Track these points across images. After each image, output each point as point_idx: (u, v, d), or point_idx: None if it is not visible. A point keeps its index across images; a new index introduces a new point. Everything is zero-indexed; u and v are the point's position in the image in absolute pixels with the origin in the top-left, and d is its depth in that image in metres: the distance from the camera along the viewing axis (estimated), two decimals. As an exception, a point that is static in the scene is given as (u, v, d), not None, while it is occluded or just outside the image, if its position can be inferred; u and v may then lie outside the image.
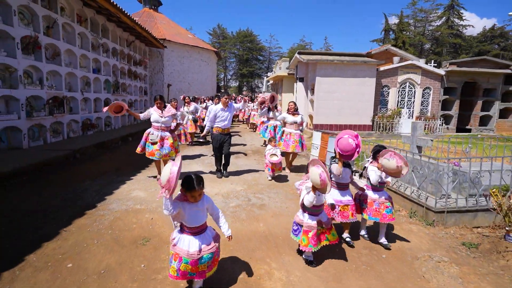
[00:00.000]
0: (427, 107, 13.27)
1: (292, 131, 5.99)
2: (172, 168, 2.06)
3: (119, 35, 11.88)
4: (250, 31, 57.43)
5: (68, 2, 8.26)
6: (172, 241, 2.19)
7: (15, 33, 6.15)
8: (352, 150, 2.84)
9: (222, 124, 5.43)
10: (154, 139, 5.06)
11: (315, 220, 2.70)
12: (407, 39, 39.95)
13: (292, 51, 60.94)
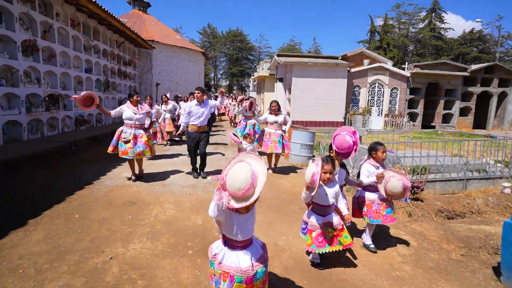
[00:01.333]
0: (395, 106, 14.54)
1: (272, 131, 5.83)
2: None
3: (110, 37, 12.68)
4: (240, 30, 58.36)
5: (63, 8, 9.06)
6: (214, 258, 1.87)
7: (16, 38, 6.97)
8: (349, 147, 2.74)
9: (197, 122, 5.23)
10: (128, 137, 4.88)
11: (321, 221, 2.60)
12: (391, 40, 41.61)
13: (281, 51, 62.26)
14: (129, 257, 2.74)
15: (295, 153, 7.08)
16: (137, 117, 4.98)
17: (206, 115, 5.34)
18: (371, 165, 3.08)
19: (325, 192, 2.59)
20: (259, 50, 63.79)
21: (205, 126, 5.40)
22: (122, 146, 4.85)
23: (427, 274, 2.86)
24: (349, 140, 2.73)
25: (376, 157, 3.09)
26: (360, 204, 3.17)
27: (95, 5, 9.09)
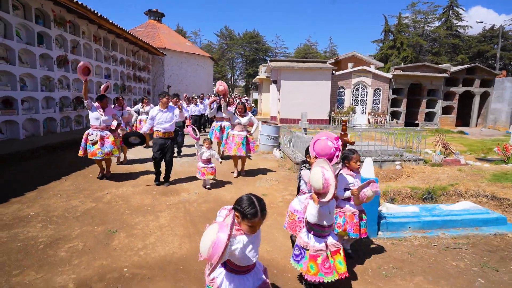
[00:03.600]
0: (378, 105, 15.91)
1: (235, 133, 5.71)
2: (219, 235, 1.41)
3: (126, 47, 14.98)
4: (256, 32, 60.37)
5: (87, 27, 11.34)
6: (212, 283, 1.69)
7: (53, 54, 9.22)
8: (330, 154, 2.49)
9: (161, 127, 5.02)
10: (94, 139, 5.03)
11: (322, 243, 2.28)
12: (405, 40, 41.96)
13: (298, 51, 63.76)
14: (119, 193, 4.69)
15: (263, 143, 8.90)
16: (103, 119, 5.13)
17: (172, 120, 5.12)
18: (347, 175, 2.85)
19: (328, 209, 2.24)
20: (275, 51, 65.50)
21: (171, 132, 5.17)
22: (91, 148, 5.00)
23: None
24: (331, 146, 2.51)
25: (349, 167, 2.89)
26: (336, 215, 2.85)
27: (112, 24, 11.32)
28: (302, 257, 2.28)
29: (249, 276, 1.69)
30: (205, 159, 4.96)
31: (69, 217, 3.68)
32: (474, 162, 7.18)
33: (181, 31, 57.71)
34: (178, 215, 3.86)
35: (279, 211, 4.11)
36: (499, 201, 4.46)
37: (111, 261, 2.73)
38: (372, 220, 3.45)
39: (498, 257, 3.04)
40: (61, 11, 9.39)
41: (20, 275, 2.47)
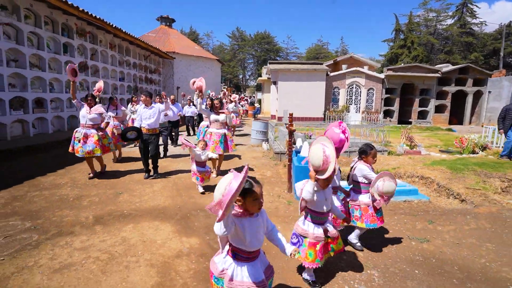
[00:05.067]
0: (371, 104, 16.83)
1: (213, 131, 5.68)
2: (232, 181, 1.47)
3: (138, 52, 16.55)
4: (267, 33, 61.64)
5: (104, 36, 12.89)
6: (223, 274, 1.70)
7: (75, 61, 10.76)
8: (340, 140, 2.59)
9: (145, 123, 5.34)
10: (79, 137, 5.16)
11: (321, 229, 2.32)
12: (415, 39, 42.02)
13: (309, 51, 64.64)
14: (125, 172, 6.04)
15: (253, 137, 10.16)
16: (89, 117, 5.21)
17: (155, 117, 5.38)
18: (366, 165, 2.96)
19: (324, 196, 2.29)
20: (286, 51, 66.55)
21: (156, 129, 5.44)
22: (76, 145, 5.16)
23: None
24: (338, 132, 2.58)
25: (366, 161, 2.98)
26: (352, 208, 3.00)
27: (125, 33, 12.86)
28: (300, 244, 2.30)
29: (257, 262, 1.74)
30: (201, 162, 4.76)
31: (89, 184, 5.06)
32: (435, 153, 8.16)
33: (194, 33, 59.71)
34: (167, 185, 5.16)
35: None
36: (425, 179, 5.54)
37: (116, 207, 4.06)
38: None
39: (392, 214, 4.17)
40: (82, 24, 10.94)
41: (59, 213, 3.82)
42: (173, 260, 2.75)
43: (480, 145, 7.94)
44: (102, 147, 5.31)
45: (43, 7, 8.78)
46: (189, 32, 59.48)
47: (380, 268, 2.73)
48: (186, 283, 2.41)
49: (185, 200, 4.41)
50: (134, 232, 3.33)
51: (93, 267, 2.61)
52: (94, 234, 3.25)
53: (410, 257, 2.95)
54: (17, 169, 5.84)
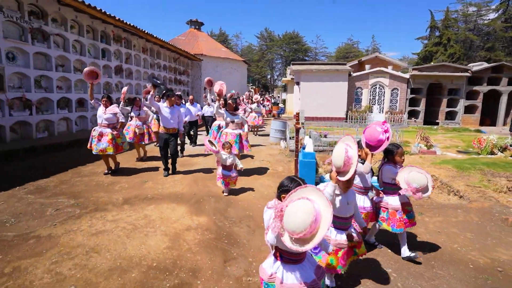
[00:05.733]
0: (395, 104, 16.60)
1: (228, 131, 5.80)
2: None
3: (168, 55, 17.66)
4: (296, 33, 61.72)
5: (138, 41, 14.02)
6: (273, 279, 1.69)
7: (112, 65, 11.91)
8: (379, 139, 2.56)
9: (165, 123, 5.50)
10: (95, 134, 5.45)
11: (344, 234, 2.25)
12: (452, 35, 40.09)
13: (339, 51, 63.84)
14: (151, 167, 6.80)
15: (272, 135, 10.66)
16: (105, 117, 5.43)
17: (175, 118, 5.54)
18: (391, 166, 2.92)
19: (347, 200, 2.23)
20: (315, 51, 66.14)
21: (175, 129, 5.59)
22: (93, 142, 5.48)
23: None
24: (380, 130, 2.54)
25: (393, 160, 2.92)
26: (379, 209, 2.99)
27: (156, 38, 13.90)
28: (321, 250, 2.18)
29: (306, 263, 1.71)
30: (227, 165, 4.63)
31: (120, 174, 5.85)
32: (451, 154, 8.15)
33: (223, 35, 61.20)
34: (187, 176, 5.82)
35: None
36: (429, 178, 5.72)
37: (142, 192, 4.76)
38: (311, 182, 5.07)
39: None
40: (118, 31, 12.06)
41: (96, 194, 4.59)
42: (183, 232, 3.35)
43: (499, 146, 7.82)
44: (115, 146, 5.48)
45: (85, 18, 9.90)
46: (218, 33, 61.13)
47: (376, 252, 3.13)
48: (190, 248, 3.00)
49: (200, 188, 5.02)
50: (154, 211, 3.98)
51: (120, 233, 3.27)
52: (122, 211, 3.95)
53: (387, 239, 3.30)
54: (63, 159, 6.80)
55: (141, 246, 3.00)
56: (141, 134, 6.81)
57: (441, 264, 2.81)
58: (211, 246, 3.07)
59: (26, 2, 7.76)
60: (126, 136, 6.58)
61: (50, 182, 5.09)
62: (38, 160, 6.50)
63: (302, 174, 5.17)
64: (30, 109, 7.87)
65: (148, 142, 7.18)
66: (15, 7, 7.59)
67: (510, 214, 3.95)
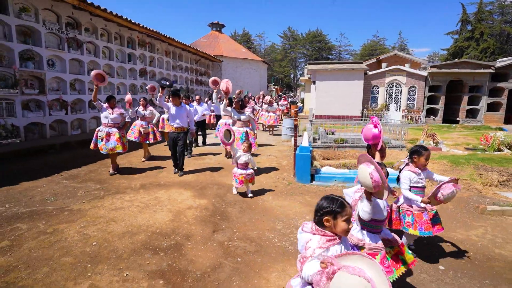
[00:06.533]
0: (413, 102, 16.44)
1: (235, 129, 5.88)
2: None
3: (190, 57, 18.65)
4: (319, 31, 61.49)
5: (160, 45, 15.05)
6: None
7: (137, 68, 12.96)
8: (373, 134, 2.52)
9: (174, 122, 5.69)
10: (101, 135, 5.56)
11: (379, 239, 2.15)
12: (486, 29, 38.28)
13: (364, 48, 62.80)
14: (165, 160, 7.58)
15: (283, 133, 11.17)
16: (111, 117, 5.61)
17: (183, 117, 5.72)
18: (412, 172, 2.81)
19: (383, 203, 2.16)
20: (339, 49, 65.41)
21: (183, 128, 5.77)
22: (99, 143, 5.58)
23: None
24: (371, 127, 2.53)
25: (417, 162, 2.84)
26: (403, 213, 2.84)
27: (178, 42, 14.87)
28: None
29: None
30: (242, 164, 4.56)
31: (140, 165, 6.67)
32: (457, 151, 8.23)
33: (246, 35, 62.09)
34: (197, 169, 6.51)
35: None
36: (423, 172, 6.00)
37: (156, 180, 5.51)
38: (306, 173, 5.57)
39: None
40: (143, 36, 13.10)
41: (118, 181, 5.39)
42: (184, 210, 4.02)
43: (507, 143, 7.82)
44: (122, 144, 5.67)
45: (113, 26, 10.96)
46: (242, 33, 62.13)
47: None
48: (188, 221, 3.65)
49: (206, 178, 5.68)
50: (164, 194, 4.69)
51: (134, 209, 3.99)
52: (138, 194, 4.69)
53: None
54: (93, 153, 7.73)
55: (149, 219, 3.69)
56: (146, 134, 7.02)
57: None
58: (205, 220, 3.71)
59: (64, 15, 8.85)
60: (132, 136, 6.89)
61: (81, 171, 5.99)
62: (72, 153, 7.48)
63: (299, 166, 5.68)
64: (66, 109, 8.96)
65: (153, 141, 7.25)
66: (55, 20, 8.70)
67: (485, 203, 4.23)
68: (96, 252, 2.87)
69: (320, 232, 1.56)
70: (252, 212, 4.01)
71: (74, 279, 2.46)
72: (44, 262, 2.68)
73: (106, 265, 2.66)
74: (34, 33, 8.05)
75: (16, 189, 4.72)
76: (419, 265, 2.78)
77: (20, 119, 7.59)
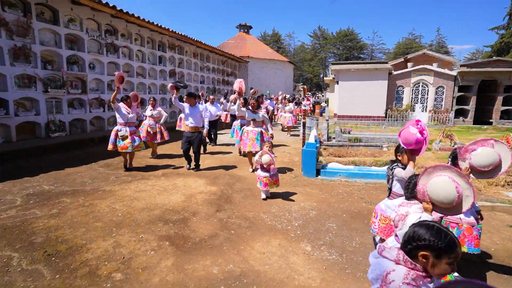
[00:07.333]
0: (441, 103, 15.97)
1: (249, 129, 5.92)
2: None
3: (217, 58, 19.53)
4: (350, 30, 60.51)
5: (189, 48, 16.02)
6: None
7: (166, 69, 13.98)
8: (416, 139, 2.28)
9: (189, 122, 5.89)
10: (124, 134, 5.67)
11: None
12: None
13: (398, 47, 60.79)
14: (191, 151, 8.33)
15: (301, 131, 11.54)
16: (130, 116, 5.79)
17: (197, 117, 5.91)
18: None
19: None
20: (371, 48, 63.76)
21: (197, 127, 5.94)
22: (121, 142, 5.66)
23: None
24: (414, 132, 2.27)
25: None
26: (447, 225, 2.44)
27: (205, 44, 15.76)
28: None
29: None
30: (266, 166, 4.45)
31: (164, 157, 7.47)
32: (475, 152, 8.14)
33: (276, 35, 62.51)
34: (213, 161, 7.17)
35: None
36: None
37: (176, 170, 6.24)
38: (312, 168, 6.00)
39: (371, 189, 5.21)
40: (173, 40, 14.11)
41: (143, 170, 6.18)
42: (196, 194, 4.67)
43: (527, 145, 7.62)
44: (141, 142, 6.04)
45: (146, 31, 12.01)
46: (271, 34, 62.64)
47: (335, 216, 4.07)
48: (197, 202, 4.29)
49: (221, 170, 6.31)
50: (181, 181, 5.38)
51: (154, 192, 4.71)
52: (159, 180, 5.43)
53: (353, 210, 4.16)
54: (125, 145, 8.75)
55: (165, 199, 4.37)
56: (154, 133, 7.19)
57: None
58: (212, 202, 4.32)
59: (103, 23, 9.96)
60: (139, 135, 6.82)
61: (114, 160, 6.89)
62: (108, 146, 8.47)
63: (305, 161, 6.12)
64: (103, 107, 10.07)
65: (160, 141, 7.40)
66: (96, 28, 9.83)
67: (478, 199, 4.41)
68: (120, 221, 3.58)
69: (409, 264, 1.24)
70: (254, 198, 4.55)
71: (103, 237, 3.17)
72: (82, 225, 3.44)
73: (127, 230, 3.35)
74: (78, 40, 9.19)
75: (62, 173, 5.67)
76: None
77: (66, 116, 8.74)
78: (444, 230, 1.22)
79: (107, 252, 2.88)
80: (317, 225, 3.63)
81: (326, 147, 8.83)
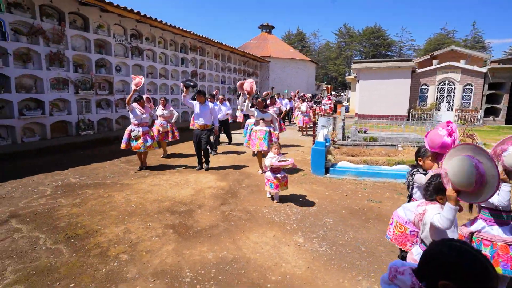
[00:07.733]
0: (468, 101, 15.24)
1: (258, 129, 5.91)
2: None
3: (238, 58, 19.91)
4: (378, 27, 58.86)
5: (210, 49, 16.50)
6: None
7: (189, 70, 14.53)
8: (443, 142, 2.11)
9: (198, 120, 6.03)
10: (137, 134, 5.76)
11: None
12: None
13: (429, 43, 58.38)
14: (207, 149, 8.70)
15: (318, 130, 11.55)
16: (143, 117, 5.91)
17: (207, 115, 6.00)
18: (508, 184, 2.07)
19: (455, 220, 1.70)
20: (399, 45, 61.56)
21: (206, 125, 6.05)
22: (134, 142, 5.79)
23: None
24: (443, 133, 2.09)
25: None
26: (478, 243, 2.17)
27: (226, 46, 16.17)
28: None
29: None
30: (275, 168, 4.31)
31: (179, 155, 7.89)
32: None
33: (300, 34, 62.11)
34: (226, 159, 7.46)
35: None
36: (441, 170, 6.04)
37: (189, 168, 6.59)
38: (320, 166, 6.11)
39: (375, 187, 5.24)
40: (194, 42, 14.63)
41: (159, 166, 6.60)
42: (205, 188, 4.97)
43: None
44: (154, 142, 6.15)
45: (169, 34, 12.59)
46: (296, 33, 62.31)
47: (334, 212, 4.21)
48: (204, 196, 4.59)
49: (232, 168, 6.59)
50: (193, 177, 5.72)
51: (167, 186, 5.08)
52: (173, 175, 5.80)
53: (354, 207, 4.25)
54: (147, 143, 9.29)
55: (175, 193, 4.72)
56: (165, 132, 7.31)
57: (374, 221, 3.71)
58: (218, 196, 4.60)
59: (129, 28, 10.61)
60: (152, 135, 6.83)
61: (135, 157, 7.36)
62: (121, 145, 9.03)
63: (314, 160, 6.24)
64: (128, 106, 10.73)
65: (172, 140, 7.52)
66: (122, 33, 10.49)
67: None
68: (132, 210, 3.96)
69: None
70: (259, 194, 4.78)
71: (116, 223, 3.55)
72: (99, 213, 3.85)
73: (137, 218, 3.71)
74: (106, 45, 9.88)
75: (87, 168, 6.22)
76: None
77: (94, 115, 9.44)
78: (473, 253, 0.91)
79: (118, 237, 3.23)
80: (314, 219, 3.79)
81: (340, 146, 8.84)
